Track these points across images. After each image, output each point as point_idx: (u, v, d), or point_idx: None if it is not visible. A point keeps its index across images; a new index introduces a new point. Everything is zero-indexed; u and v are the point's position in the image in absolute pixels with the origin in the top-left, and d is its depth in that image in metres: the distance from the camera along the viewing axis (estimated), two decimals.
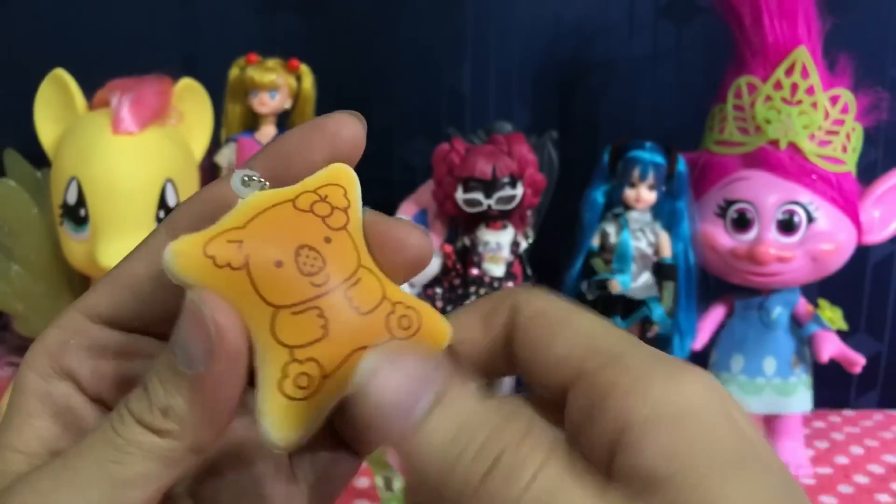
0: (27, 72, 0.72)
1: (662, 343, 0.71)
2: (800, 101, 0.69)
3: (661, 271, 0.72)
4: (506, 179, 0.69)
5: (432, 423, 0.19)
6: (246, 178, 0.22)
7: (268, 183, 0.22)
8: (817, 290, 0.78)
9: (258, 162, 0.23)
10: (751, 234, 0.70)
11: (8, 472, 0.21)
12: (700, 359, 0.74)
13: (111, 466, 0.19)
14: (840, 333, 0.73)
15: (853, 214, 0.71)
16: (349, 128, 0.23)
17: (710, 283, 0.75)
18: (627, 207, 0.71)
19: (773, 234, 0.70)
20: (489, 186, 0.69)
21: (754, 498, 0.17)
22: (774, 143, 0.69)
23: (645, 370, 0.19)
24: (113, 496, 0.19)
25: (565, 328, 0.21)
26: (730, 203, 0.71)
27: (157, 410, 0.20)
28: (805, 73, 0.68)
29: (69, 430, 0.22)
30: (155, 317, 0.22)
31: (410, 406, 0.19)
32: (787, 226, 0.69)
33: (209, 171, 0.76)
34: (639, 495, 0.17)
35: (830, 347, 0.71)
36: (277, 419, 0.20)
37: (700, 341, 0.74)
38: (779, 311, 0.73)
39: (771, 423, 0.75)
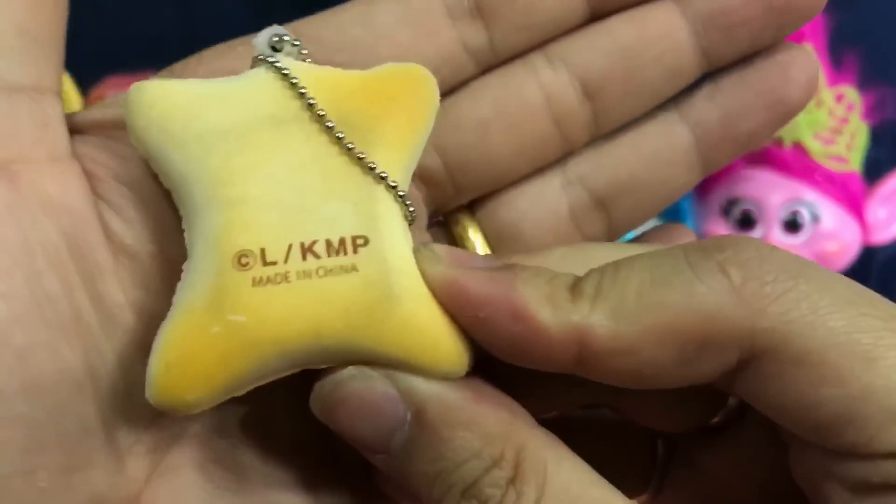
0: None
1: None
2: None
3: None
4: None
5: (411, 451, 0.16)
6: (276, 40, 0.17)
7: (305, 51, 0.17)
8: None
9: None
10: (755, 234, 0.70)
11: None
12: None
13: None
14: None
15: (858, 214, 0.70)
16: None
17: None
18: None
19: (777, 234, 0.69)
20: None
21: None
22: (778, 141, 0.69)
23: None
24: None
25: (858, 378, 0.15)
26: (733, 202, 0.71)
27: None
28: None
29: None
30: None
31: (382, 439, 0.16)
32: (791, 225, 0.69)
33: None
34: None
35: None
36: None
37: None
38: None
39: None
